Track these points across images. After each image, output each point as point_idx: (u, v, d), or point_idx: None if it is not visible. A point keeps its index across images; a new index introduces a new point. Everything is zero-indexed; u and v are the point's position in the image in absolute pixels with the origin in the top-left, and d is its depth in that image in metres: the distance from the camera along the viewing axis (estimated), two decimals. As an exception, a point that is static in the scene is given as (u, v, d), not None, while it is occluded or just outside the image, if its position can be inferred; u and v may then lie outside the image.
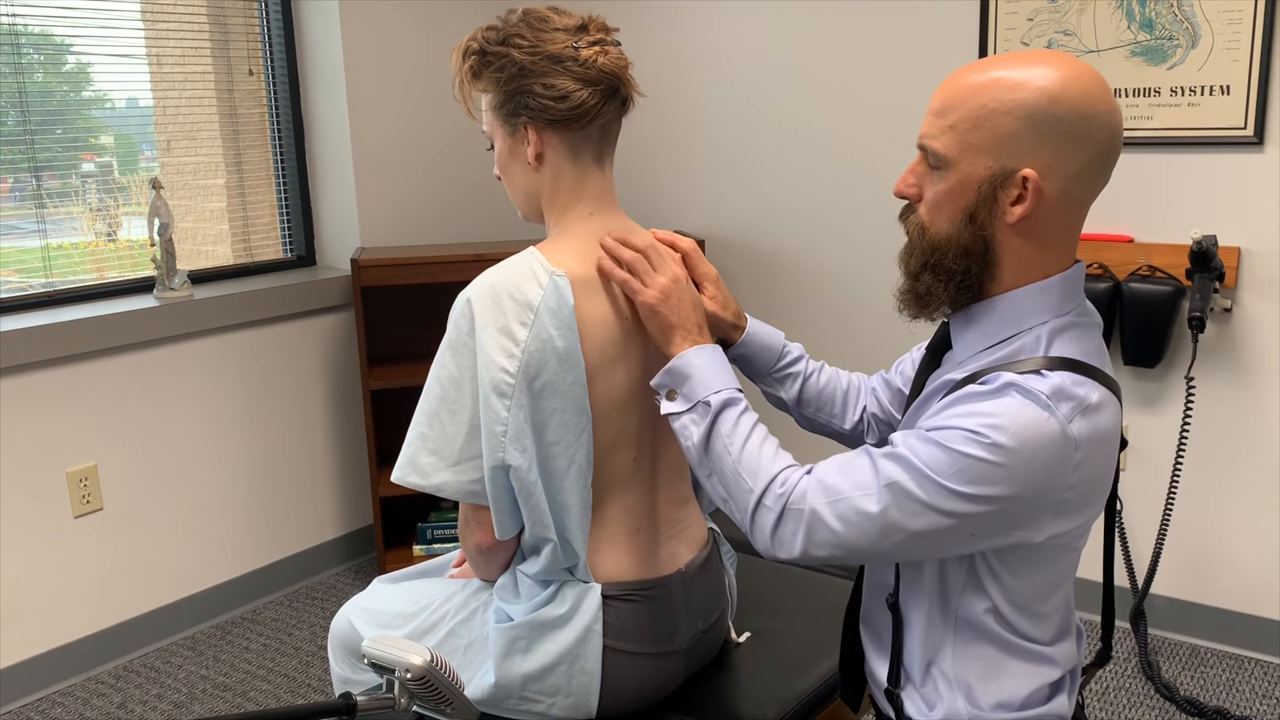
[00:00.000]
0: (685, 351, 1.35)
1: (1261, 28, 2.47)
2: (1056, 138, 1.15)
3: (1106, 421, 1.17)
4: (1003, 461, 1.12)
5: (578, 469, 1.38)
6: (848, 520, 1.19)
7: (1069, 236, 1.22)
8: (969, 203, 1.19)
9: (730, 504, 1.29)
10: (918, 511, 1.16)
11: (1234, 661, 2.70)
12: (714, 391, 1.32)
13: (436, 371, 1.39)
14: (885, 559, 1.23)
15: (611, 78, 1.40)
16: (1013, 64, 1.18)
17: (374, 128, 3.33)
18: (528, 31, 1.39)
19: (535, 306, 1.34)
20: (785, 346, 1.59)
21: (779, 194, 3.27)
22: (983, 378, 1.17)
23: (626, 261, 1.40)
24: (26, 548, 2.66)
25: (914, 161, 1.25)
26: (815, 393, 1.59)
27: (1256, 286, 2.59)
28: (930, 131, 1.21)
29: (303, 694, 2.68)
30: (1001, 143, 1.16)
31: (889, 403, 1.59)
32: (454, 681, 1.13)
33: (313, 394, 3.27)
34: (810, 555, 1.22)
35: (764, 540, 1.25)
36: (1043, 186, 1.16)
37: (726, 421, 1.31)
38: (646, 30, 3.42)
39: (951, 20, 2.87)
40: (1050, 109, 1.15)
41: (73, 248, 2.93)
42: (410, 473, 1.40)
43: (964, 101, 1.18)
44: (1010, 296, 1.22)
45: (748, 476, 1.27)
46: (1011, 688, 1.27)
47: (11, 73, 2.71)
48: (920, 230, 1.24)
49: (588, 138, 1.42)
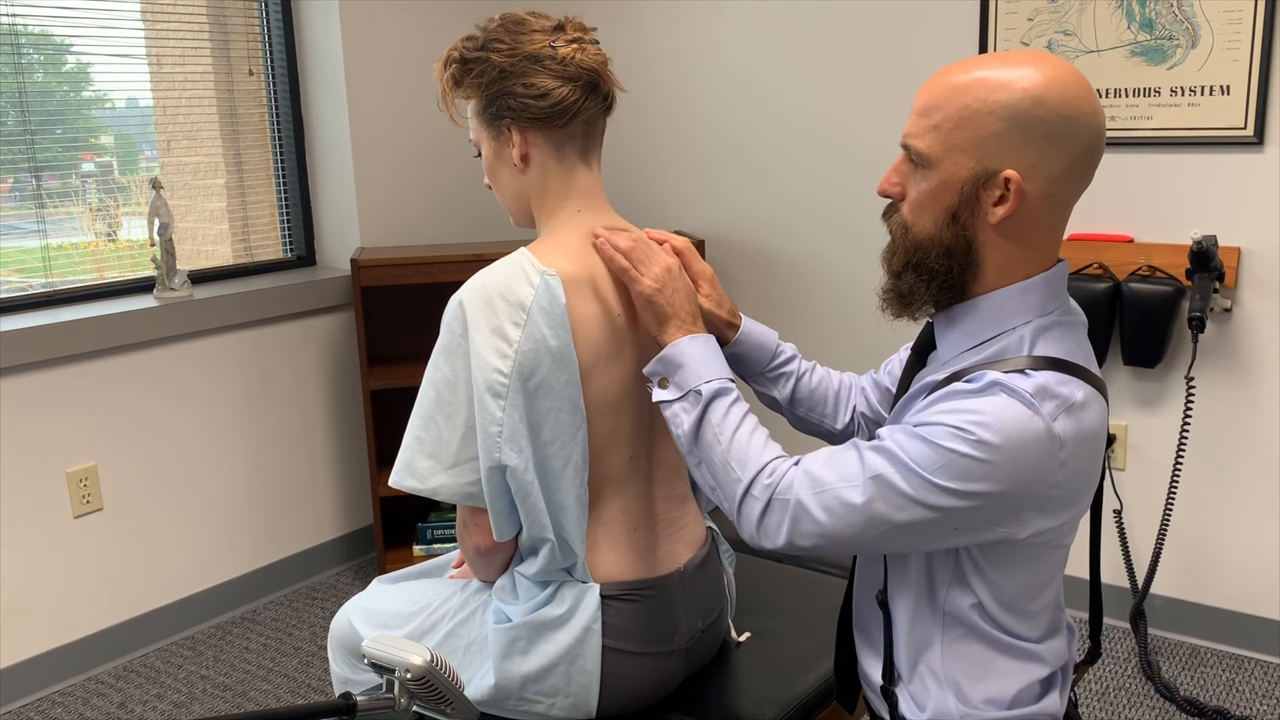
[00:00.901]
0: (679, 340, 1.36)
1: (1261, 28, 2.47)
2: (1039, 139, 1.16)
3: (1091, 420, 1.18)
4: (987, 458, 1.13)
5: (574, 468, 1.39)
6: (832, 511, 1.20)
7: (1051, 237, 1.23)
8: (951, 203, 1.20)
9: (718, 492, 1.30)
10: (902, 505, 1.16)
11: (1234, 661, 2.70)
12: (705, 381, 1.33)
13: (431, 374, 1.40)
14: (869, 550, 1.24)
15: (590, 73, 1.41)
16: (997, 64, 1.18)
17: (374, 128, 3.33)
18: (505, 35, 1.41)
19: (527, 306, 1.35)
20: (779, 346, 1.60)
21: (779, 194, 3.27)
22: (967, 376, 1.18)
23: (625, 250, 1.41)
24: (26, 548, 2.67)
25: (897, 160, 1.25)
26: (808, 393, 1.60)
27: (1256, 286, 2.59)
28: (914, 131, 1.21)
29: (303, 694, 2.69)
30: (984, 143, 1.17)
31: (878, 402, 1.60)
32: (454, 681, 1.13)
33: (313, 394, 3.27)
34: (795, 545, 1.23)
35: (750, 529, 1.26)
36: (1025, 188, 1.17)
37: (717, 411, 1.31)
38: (648, 30, 3.42)
39: (951, 20, 2.87)
40: (1033, 110, 1.15)
41: (73, 248, 2.93)
42: (407, 476, 1.40)
43: (948, 101, 1.18)
44: (993, 296, 1.23)
45: (736, 466, 1.28)
46: (1000, 685, 1.27)
47: (11, 73, 2.71)
48: (903, 229, 1.25)
49: (571, 135, 1.43)
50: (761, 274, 3.33)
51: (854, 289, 3.16)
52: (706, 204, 3.42)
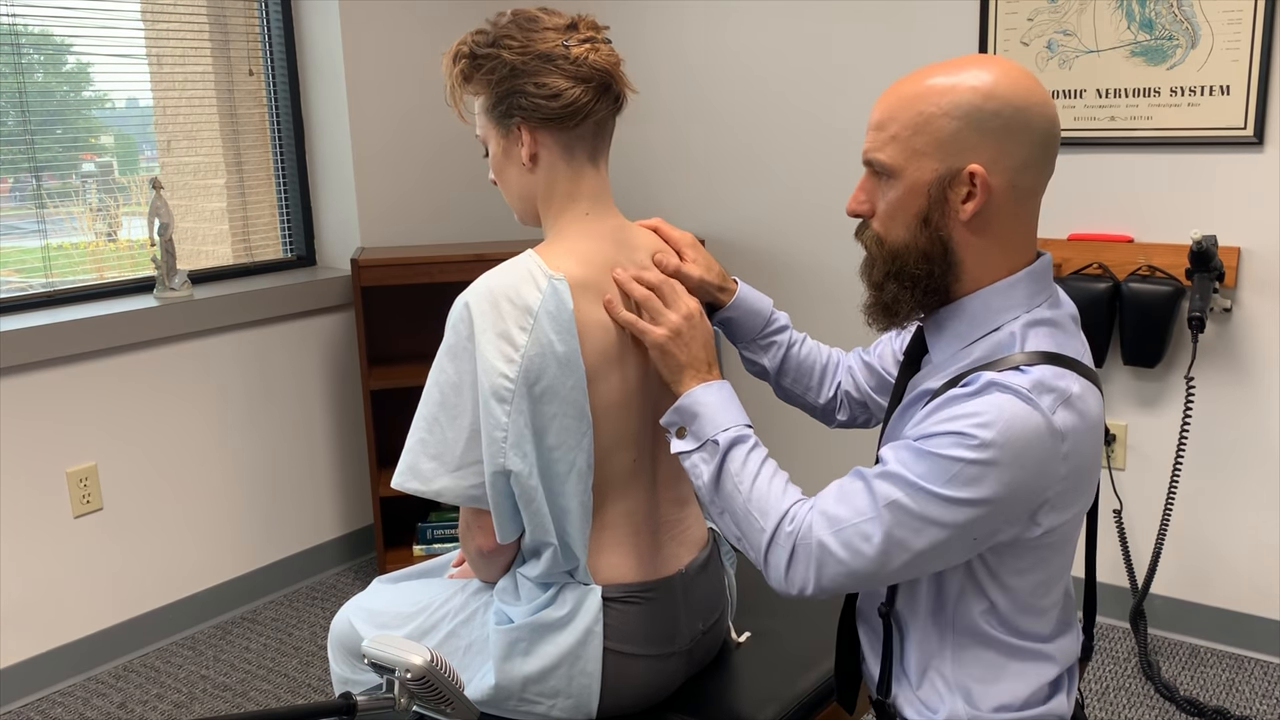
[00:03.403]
0: (694, 389, 1.36)
1: (1261, 28, 2.47)
2: (996, 132, 1.18)
3: (1090, 411, 1.19)
4: (993, 459, 1.13)
5: (578, 473, 1.38)
6: (853, 548, 1.19)
7: (1025, 229, 1.24)
8: (921, 207, 1.21)
9: (743, 542, 1.29)
10: (919, 528, 1.16)
11: (1234, 661, 2.70)
12: (723, 429, 1.32)
13: (435, 376, 1.39)
14: (895, 579, 1.23)
15: (603, 74, 1.40)
16: (943, 71, 1.21)
17: (374, 128, 3.33)
18: (517, 32, 1.39)
19: (534, 311, 1.34)
20: (773, 314, 1.60)
21: (779, 194, 3.27)
22: (963, 380, 1.18)
23: (639, 299, 1.40)
24: (26, 548, 2.66)
25: (862, 179, 1.27)
26: (796, 363, 1.61)
27: (1256, 286, 2.59)
28: (873, 145, 1.23)
29: (303, 694, 2.69)
30: (944, 144, 1.19)
31: (864, 381, 1.61)
32: (454, 682, 1.13)
33: (313, 394, 3.27)
34: (823, 589, 1.22)
35: (778, 578, 1.25)
36: (990, 181, 1.19)
37: (735, 459, 1.31)
38: (648, 29, 3.42)
39: (951, 20, 2.87)
40: (985, 105, 1.18)
41: (73, 248, 2.93)
42: (411, 478, 1.40)
43: (902, 111, 1.21)
44: (979, 295, 1.24)
45: (758, 515, 1.27)
46: (1012, 690, 1.27)
47: (11, 73, 2.71)
48: (878, 242, 1.26)
49: (581, 136, 1.42)
50: (761, 274, 3.33)
51: (854, 289, 3.14)
52: (706, 204, 3.42)
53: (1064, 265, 2.75)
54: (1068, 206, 2.78)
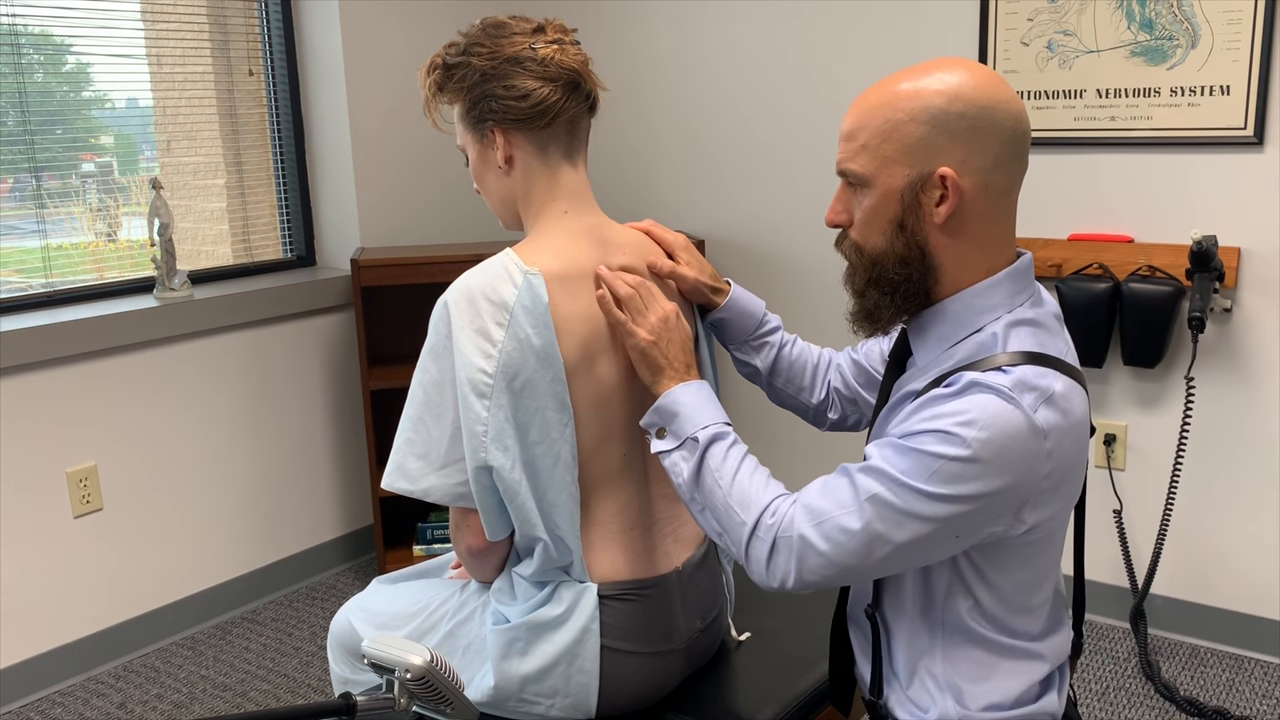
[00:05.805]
0: (672, 389, 1.37)
1: (1261, 28, 2.47)
2: (964, 133, 1.19)
3: (1073, 409, 1.19)
4: (975, 457, 1.13)
5: (564, 465, 1.39)
6: (834, 540, 1.20)
7: (1000, 229, 1.25)
8: (895, 213, 1.23)
9: (725, 538, 1.30)
10: (900, 521, 1.17)
11: (1234, 661, 2.70)
12: (701, 427, 1.34)
13: (419, 376, 1.41)
14: (878, 573, 1.24)
15: (571, 73, 1.42)
16: (908, 77, 1.23)
17: (374, 128, 3.33)
18: (486, 39, 1.43)
19: (510, 306, 1.36)
20: (765, 315, 1.62)
21: (779, 194, 3.27)
22: (946, 380, 1.20)
23: (623, 297, 1.41)
24: (26, 548, 2.67)
25: (838, 190, 1.29)
26: (787, 364, 1.62)
27: (1256, 286, 2.59)
28: (845, 155, 1.25)
29: (303, 694, 2.69)
30: (913, 149, 1.20)
31: (854, 378, 1.62)
32: (454, 681, 1.13)
33: (313, 394, 3.28)
34: (805, 582, 1.23)
35: (759, 571, 1.26)
36: (961, 183, 1.20)
37: (715, 455, 1.32)
38: (647, 29, 3.42)
39: (951, 20, 2.87)
40: (951, 107, 1.19)
41: (73, 248, 2.93)
42: (399, 478, 1.41)
43: (869, 120, 1.23)
44: (960, 297, 1.25)
45: (739, 509, 1.28)
46: (1003, 688, 1.28)
47: (11, 73, 2.71)
48: (856, 250, 1.28)
49: (555, 135, 1.44)
50: (761, 274, 3.33)
51: (854, 289, 3.16)
52: (706, 204, 3.42)
53: (1064, 265, 2.75)
54: (1068, 206, 2.79)
